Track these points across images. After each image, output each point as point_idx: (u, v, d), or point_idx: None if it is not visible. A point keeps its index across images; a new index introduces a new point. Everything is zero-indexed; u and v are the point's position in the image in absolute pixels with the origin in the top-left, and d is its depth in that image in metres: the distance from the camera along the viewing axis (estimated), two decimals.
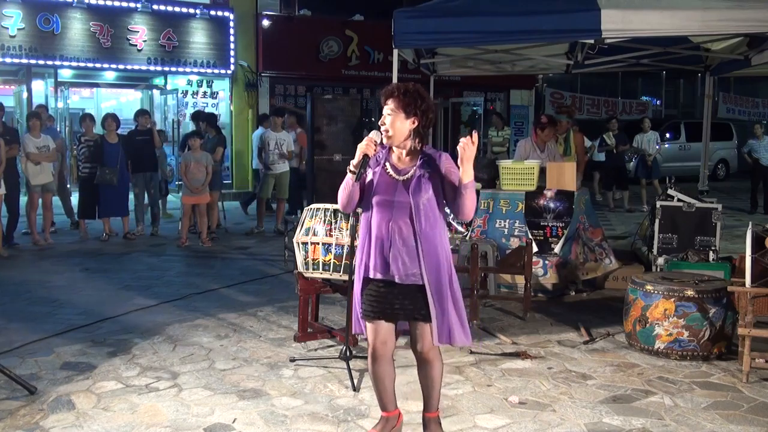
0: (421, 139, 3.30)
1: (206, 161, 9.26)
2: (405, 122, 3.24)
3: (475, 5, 5.75)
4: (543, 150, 7.39)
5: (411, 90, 3.25)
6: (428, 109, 3.27)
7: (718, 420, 3.84)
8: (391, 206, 3.25)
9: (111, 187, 9.36)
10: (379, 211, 3.28)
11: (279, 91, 16.50)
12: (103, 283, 7.12)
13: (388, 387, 3.46)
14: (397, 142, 3.27)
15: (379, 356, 3.39)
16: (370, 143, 3.24)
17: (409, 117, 3.23)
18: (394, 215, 3.23)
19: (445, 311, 3.26)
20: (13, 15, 13.34)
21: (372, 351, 3.39)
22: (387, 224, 3.24)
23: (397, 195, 3.24)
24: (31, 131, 9.22)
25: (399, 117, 3.23)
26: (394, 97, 3.24)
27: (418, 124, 3.24)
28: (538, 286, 6.53)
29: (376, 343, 3.36)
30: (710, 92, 9.04)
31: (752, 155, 13.16)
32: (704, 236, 6.59)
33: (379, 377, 3.44)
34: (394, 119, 3.23)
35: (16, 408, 3.92)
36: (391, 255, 3.23)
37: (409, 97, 3.22)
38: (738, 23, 5.30)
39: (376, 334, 3.36)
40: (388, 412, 3.50)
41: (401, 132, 3.24)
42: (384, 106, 3.28)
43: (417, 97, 3.23)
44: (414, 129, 3.25)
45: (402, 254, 3.22)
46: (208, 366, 4.66)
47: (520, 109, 19.29)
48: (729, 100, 24.13)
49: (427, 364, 3.36)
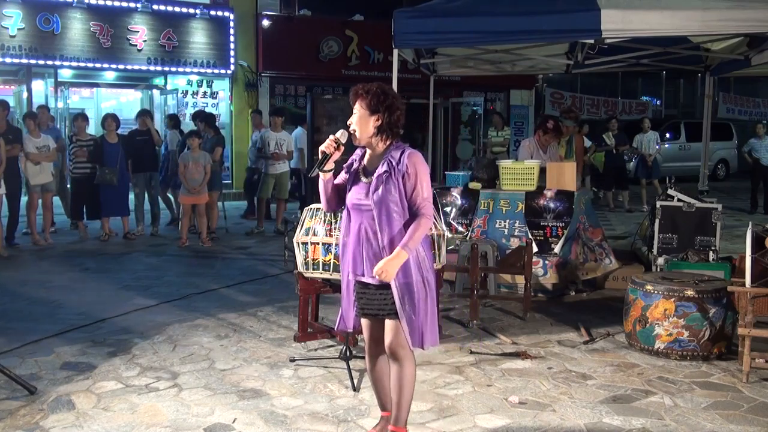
0: (389, 137, 3.29)
1: (204, 161, 9.26)
2: (369, 120, 3.25)
3: (475, 5, 5.75)
4: (545, 152, 7.40)
5: (374, 89, 3.28)
6: (393, 105, 3.26)
7: (718, 420, 3.84)
8: (361, 209, 3.27)
9: (111, 187, 9.37)
10: (352, 213, 3.31)
11: (279, 91, 16.48)
12: (103, 283, 7.12)
13: (385, 386, 3.44)
14: (363, 141, 3.28)
15: (372, 354, 3.44)
16: (331, 142, 3.29)
17: (373, 114, 3.25)
18: (364, 218, 3.25)
19: (417, 312, 3.21)
20: (13, 15, 13.33)
21: (367, 349, 3.45)
22: (359, 226, 3.27)
23: (364, 197, 3.25)
24: (31, 132, 9.21)
25: (363, 115, 3.26)
26: (358, 95, 3.28)
27: (382, 122, 3.25)
28: (538, 286, 6.53)
29: (370, 341, 3.42)
30: (710, 92, 9.04)
31: (752, 155, 13.15)
32: (704, 236, 6.59)
33: (375, 376, 3.47)
34: (359, 118, 3.27)
35: (16, 408, 3.92)
36: (363, 257, 3.26)
37: (371, 96, 3.25)
38: (738, 23, 5.30)
39: (368, 332, 3.41)
40: (387, 411, 3.48)
41: (365, 130, 3.26)
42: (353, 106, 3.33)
43: (380, 95, 3.25)
44: (378, 126, 3.25)
45: (371, 257, 3.23)
46: (208, 366, 4.66)
47: (520, 109, 19.28)
48: (729, 100, 24.12)
49: (395, 363, 3.28)
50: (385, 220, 3.20)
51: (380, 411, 3.53)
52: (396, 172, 3.20)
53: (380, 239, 3.21)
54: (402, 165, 3.21)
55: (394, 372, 3.32)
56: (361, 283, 3.32)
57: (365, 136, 3.28)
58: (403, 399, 3.30)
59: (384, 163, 3.24)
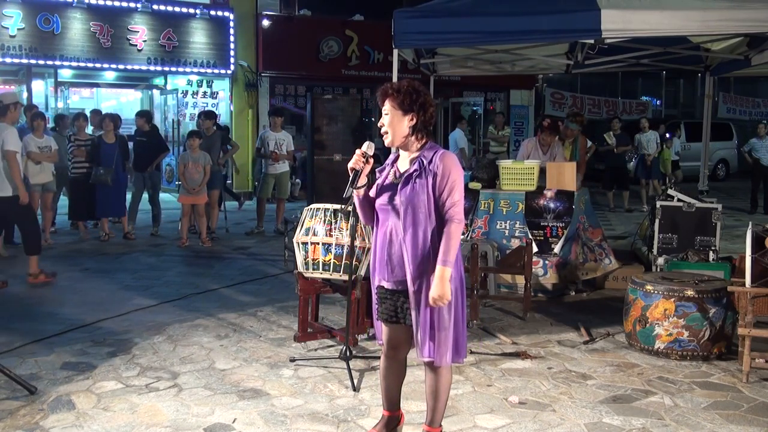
0: (424, 136, 3.18)
1: (204, 161, 9.26)
2: (403, 120, 3.13)
3: (475, 5, 5.75)
4: (546, 152, 7.40)
5: (405, 87, 3.15)
6: (426, 103, 3.15)
7: (718, 420, 3.84)
8: (389, 210, 3.16)
9: (106, 187, 9.36)
10: (381, 215, 3.21)
11: (279, 91, 16.49)
12: (103, 283, 7.12)
13: (393, 387, 3.41)
14: (398, 142, 3.17)
15: (391, 356, 3.37)
16: (359, 158, 3.18)
17: (407, 114, 3.13)
18: (391, 219, 3.15)
19: (433, 323, 3.10)
20: (13, 15, 13.33)
21: (384, 351, 3.38)
22: (387, 229, 3.17)
23: (394, 198, 3.13)
24: (35, 131, 9.21)
25: (396, 115, 3.14)
26: (389, 96, 3.15)
27: (416, 121, 3.14)
28: (538, 286, 6.53)
29: (387, 345, 3.35)
30: (710, 92, 9.04)
31: (753, 155, 13.15)
32: (704, 236, 6.59)
33: (385, 375, 3.42)
34: (391, 118, 3.14)
35: (16, 408, 3.92)
36: (387, 260, 3.17)
37: (403, 94, 3.13)
38: (738, 23, 5.30)
39: (387, 335, 3.34)
40: (390, 411, 3.46)
41: (400, 131, 3.14)
42: (382, 108, 3.20)
43: (412, 93, 3.13)
44: (413, 126, 3.14)
45: (393, 260, 3.15)
46: (208, 366, 4.66)
47: (520, 109, 19.30)
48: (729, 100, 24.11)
49: (432, 372, 3.24)
50: (410, 221, 3.08)
51: (383, 409, 3.51)
52: (427, 172, 3.08)
53: (404, 240, 3.09)
54: (434, 165, 3.09)
55: (431, 379, 3.25)
56: (384, 290, 3.25)
57: (399, 137, 3.15)
58: (439, 404, 3.28)
59: (415, 163, 3.13)
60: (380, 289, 3.27)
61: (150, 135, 10.23)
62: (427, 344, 3.12)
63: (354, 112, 11.40)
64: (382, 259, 3.19)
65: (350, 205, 4.01)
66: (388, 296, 3.24)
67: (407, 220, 3.08)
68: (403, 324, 3.23)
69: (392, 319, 3.25)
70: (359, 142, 3.28)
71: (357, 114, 11.51)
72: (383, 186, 3.21)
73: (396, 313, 3.23)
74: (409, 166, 3.15)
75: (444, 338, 3.12)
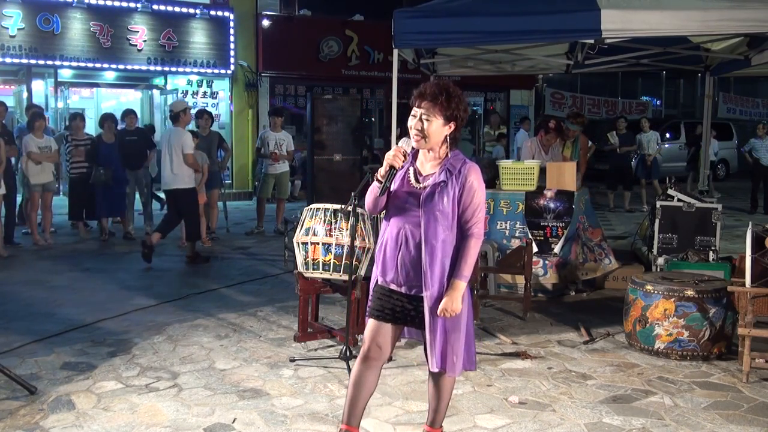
0: (454, 144, 3.06)
1: (202, 161, 9.25)
2: (442, 128, 2.98)
3: (475, 5, 5.75)
4: (547, 152, 7.40)
5: (453, 92, 2.97)
6: (465, 112, 3.01)
7: (718, 420, 3.84)
8: (406, 213, 3.04)
9: (106, 187, 9.36)
10: (395, 216, 3.08)
11: (279, 91, 16.50)
12: (103, 283, 7.12)
13: (364, 397, 3.16)
14: (429, 146, 3.01)
15: (370, 358, 3.13)
16: (399, 154, 2.99)
17: (448, 122, 2.99)
18: (407, 223, 3.03)
19: (447, 333, 3.03)
20: (13, 15, 13.33)
21: (365, 351, 3.14)
22: (399, 231, 3.05)
23: (412, 202, 3.02)
24: (35, 131, 9.22)
25: (437, 122, 2.96)
26: (435, 99, 2.95)
27: (454, 130, 3.01)
28: (538, 286, 6.53)
29: (372, 344, 3.13)
30: (710, 92, 9.04)
31: (753, 155, 13.16)
32: (704, 236, 6.59)
33: (360, 382, 3.14)
34: (430, 124, 2.96)
35: (16, 408, 3.92)
36: (399, 263, 3.05)
37: (451, 101, 2.95)
38: (738, 23, 5.30)
39: (375, 335, 3.13)
40: (350, 426, 3.17)
41: (437, 138, 2.99)
42: (417, 107, 2.99)
43: (459, 101, 2.97)
44: (450, 134, 3.01)
45: (407, 264, 3.03)
46: (208, 366, 4.66)
47: (520, 109, 19.32)
48: (729, 100, 24.14)
49: (434, 382, 3.22)
50: (432, 230, 2.97)
51: (341, 423, 3.19)
52: (453, 184, 2.98)
53: (422, 248, 2.99)
54: (462, 177, 2.99)
55: (437, 383, 3.19)
56: (386, 289, 3.13)
57: (433, 143, 3.00)
58: (442, 405, 3.24)
59: (443, 172, 3.01)
60: (382, 288, 3.14)
61: (139, 133, 10.22)
62: (441, 354, 3.04)
63: (354, 112, 11.39)
64: (393, 261, 3.07)
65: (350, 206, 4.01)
66: (392, 296, 3.11)
67: (430, 230, 2.98)
68: (395, 326, 3.13)
69: (388, 318, 3.12)
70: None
71: (357, 114, 11.49)
72: (402, 185, 3.08)
73: (394, 314, 3.11)
74: (436, 174, 3.03)
75: (458, 348, 3.07)
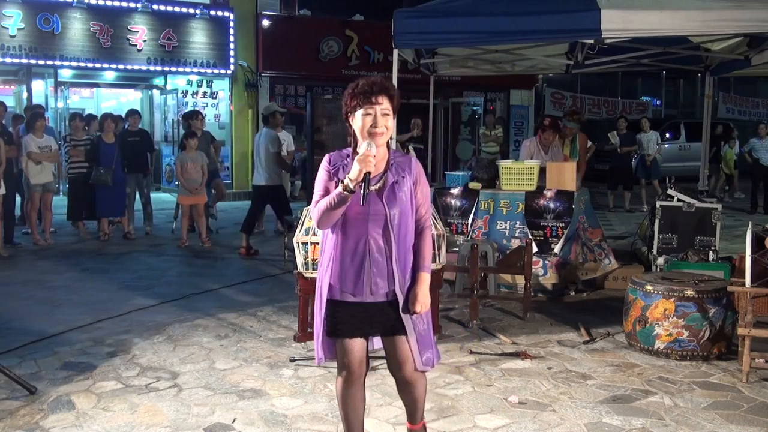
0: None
1: (202, 161, 9.26)
2: (393, 122, 2.93)
3: (475, 5, 5.75)
4: (547, 152, 7.40)
5: (393, 85, 2.92)
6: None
7: (718, 420, 3.84)
8: (366, 219, 2.86)
9: (106, 187, 9.36)
10: (352, 225, 2.87)
11: (279, 91, 16.49)
12: (103, 283, 7.12)
13: (361, 414, 3.06)
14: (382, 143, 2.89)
15: (356, 379, 2.96)
16: (370, 160, 2.77)
17: (394, 115, 2.92)
18: (369, 229, 2.86)
19: (423, 330, 2.97)
20: (13, 15, 13.33)
21: (347, 374, 2.95)
22: (359, 241, 2.86)
23: (372, 206, 2.85)
24: (35, 131, 9.22)
25: (391, 116, 2.89)
26: (389, 95, 2.86)
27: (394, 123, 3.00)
28: (538, 286, 6.53)
29: (353, 364, 2.92)
30: (710, 92, 9.04)
31: (753, 155, 13.16)
32: (704, 236, 6.59)
33: (354, 404, 3.02)
34: (388, 119, 2.86)
35: (16, 408, 3.92)
36: (364, 274, 2.86)
37: (395, 94, 2.89)
38: (738, 23, 5.30)
39: (353, 354, 2.92)
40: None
41: (390, 133, 2.93)
42: (373, 104, 2.83)
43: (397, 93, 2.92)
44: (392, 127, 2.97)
45: (375, 273, 2.86)
46: (208, 366, 4.66)
47: (520, 109, 19.31)
48: (729, 100, 24.14)
49: (409, 386, 3.04)
50: (397, 230, 2.87)
51: None
52: (408, 179, 2.91)
53: (390, 253, 2.87)
54: (414, 172, 2.94)
55: (409, 392, 3.06)
56: (347, 304, 2.91)
57: (387, 139, 2.90)
58: (419, 406, 3.15)
59: (392, 168, 2.91)
60: (342, 304, 2.91)
61: (141, 134, 10.23)
62: (424, 353, 2.97)
63: None
64: (356, 274, 2.87)
65: None
66: (358, 309, 2.91)
67: (396, 229, 2.87)
68: (365, 339, 2.97)
69: (357, 333, 2.93)
70: None
71: None
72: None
73: (363, 327, 2.92)
74: (390, 173, 2.91)
75: (430, 341, 3.03)
